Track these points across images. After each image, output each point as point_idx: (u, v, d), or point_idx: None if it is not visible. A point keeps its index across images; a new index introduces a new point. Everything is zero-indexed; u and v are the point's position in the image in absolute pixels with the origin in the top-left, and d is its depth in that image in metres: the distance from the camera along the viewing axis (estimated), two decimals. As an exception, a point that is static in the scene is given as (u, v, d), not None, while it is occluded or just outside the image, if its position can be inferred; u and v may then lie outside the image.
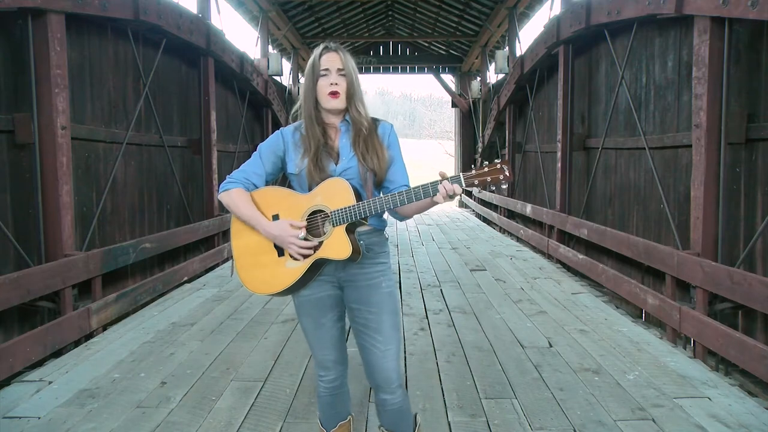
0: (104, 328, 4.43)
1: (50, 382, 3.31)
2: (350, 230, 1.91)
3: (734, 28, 3.99)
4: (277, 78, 12.51)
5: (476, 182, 1.85)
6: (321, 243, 1.91)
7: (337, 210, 1.89)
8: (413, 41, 17.45)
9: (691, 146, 4.31)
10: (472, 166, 1.99)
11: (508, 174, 1.84)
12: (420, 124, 74.59)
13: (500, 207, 10.91)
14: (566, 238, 7.10)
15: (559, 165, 7.18)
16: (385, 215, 2.06)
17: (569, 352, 3.80)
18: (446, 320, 4.58)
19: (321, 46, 2.00)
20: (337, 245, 1.90)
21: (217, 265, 7.03)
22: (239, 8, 11.34)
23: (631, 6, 5.14)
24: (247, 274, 2.00)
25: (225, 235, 7.58)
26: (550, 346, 3.93)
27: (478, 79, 15.85)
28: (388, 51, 17.60)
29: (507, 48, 11.99)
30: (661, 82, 5.20)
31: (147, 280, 5.29)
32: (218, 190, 2.02)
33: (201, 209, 7.21)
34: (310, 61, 2.00)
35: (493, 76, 13.97)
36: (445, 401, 3.04)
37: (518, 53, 10.48)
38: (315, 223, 1.93)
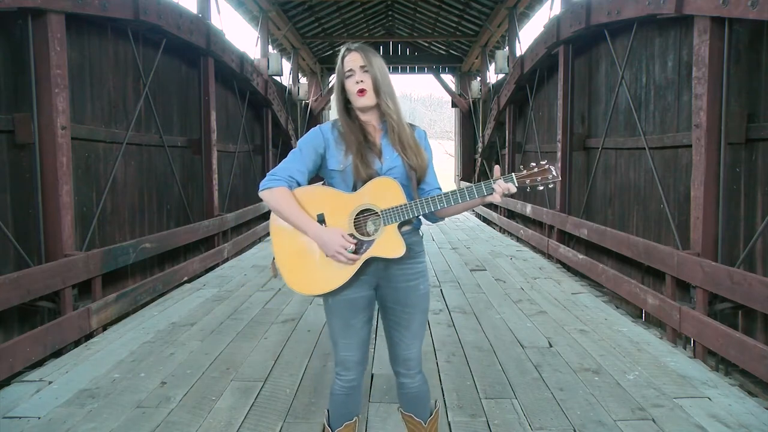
0: (104, 328, 4.43)
1: (50, 382, 3.31)
2: (399, 228, 1.94)
3: (734, 28, 3.99)
4: (277, 78, 12.51)
5: (527, 181, 1.92)
6: (373, 242, 1.92)
7: (389, 209, 1.91)
8: (413, 41, 17.45)
9: (691, 146, 4.31)
10: (521, 166, 2.07)
11: (555, 173, 1.91)
12: (420, 124, 74.28)
13: (500, 207, 10.90)
14: (566, 238, 7.10)
15: (559, 165, 7.16)
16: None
17: (569, 352, 3.80)
18: (446, 320, 4.58)
19: (343, 48, 2.02)
20: (391, 244, 1.91)
21: (217, 265, 7.03)
22: (239, 8, 11.34)
23: (631, 6, 5.14)
24: (292, 275, 1.97)
25: (225, 235, 7.59)
26: (550, 346, 3.93)
27: (478, 79, 15.85)
28: (388, 51, 17.59)
29: (507, 48, 11.99)
30: (661, 82, 5.20)
31: (147, 280, 5.29)
32: (258, 187, 1.98)
33: (201, 209, 7.21)
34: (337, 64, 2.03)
35: (493, 76, 13.97)
36: (445, 401, 3.04)
37: (518, 53, 10.48)
38: (359, 222, 1.94)
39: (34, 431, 2.74)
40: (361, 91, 1.96)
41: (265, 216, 10.18)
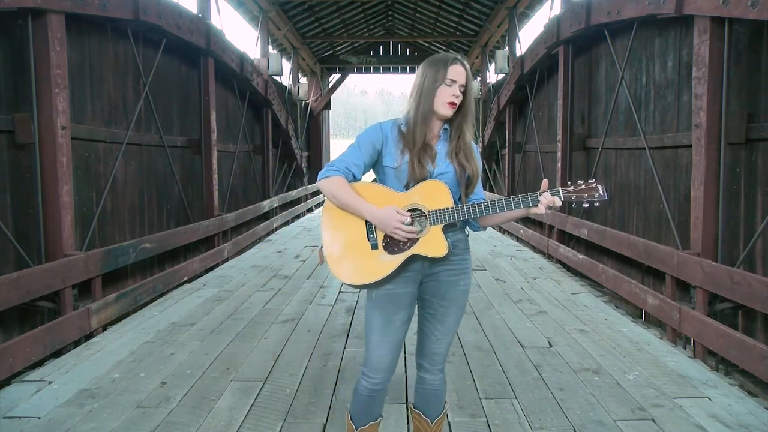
0: (104, 328, 4.43)
1: (50, 382, 3.31)
2: (444, 230, 1.98)
3: (734, 28, 3.99)
4: (277, 78, 12.50)
5: (573, 197, 2.00)
6: (417, 240, 1.96)
7: (436, 210, 1.96)
8: (413, 41, 17.44)
9: (691, 146, 4.31)
10: (568, 182, 2.14)
11: (602, 193, 2.00)
12: (420, 124, 74.41)
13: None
14: (566, 238, 7.10)
15: (559, 165, 7.18)
16: None
17: (569, 352, 3.80)
18: (446, 320, 4.57)
19: (452, 56, 2.03)
20: (434, 243, 1.96)
21: (217, 265, 7.02)
22: (239, 8, 11.33)
23: (631, 6, 5.14)
24: (337, 264, 2.02)
25: (225, 235, 7.58)
26: (550, 346, 3.93)
27: (478, 79, 15.84)
28: (388, 51, 17.57)
29: (507, 48, 11.98)
30: (661, 82, 5.20)
31: (147, 280, 5.29)
32: (317, 178, 2.04)
33: (201, 209, 7.21)
34: (433, 64, 2.02)
35: (493, 76, 13.96)
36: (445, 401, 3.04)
37: (518, 53, 10.47)
38: None
39: (34, 431, 2.74)
40: (453, 104, 2.01)
41: (265, 216, 10.19)
